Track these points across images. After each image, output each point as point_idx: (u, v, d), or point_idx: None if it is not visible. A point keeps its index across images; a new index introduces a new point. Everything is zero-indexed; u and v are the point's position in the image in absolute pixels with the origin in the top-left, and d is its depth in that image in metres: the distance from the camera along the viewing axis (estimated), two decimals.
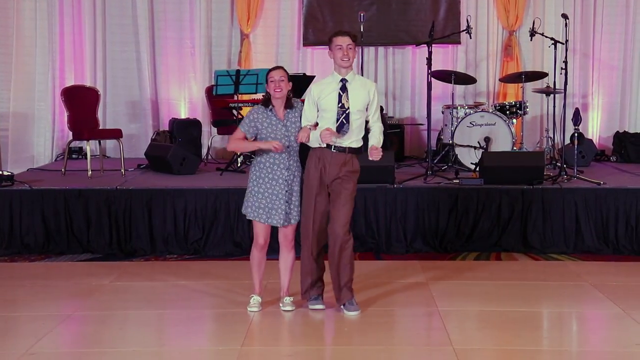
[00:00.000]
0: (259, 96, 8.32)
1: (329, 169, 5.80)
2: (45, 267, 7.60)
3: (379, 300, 6.34)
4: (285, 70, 5.93)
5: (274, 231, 6.03)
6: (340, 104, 5.77)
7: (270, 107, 5.89)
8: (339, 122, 5.76)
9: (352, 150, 5.85)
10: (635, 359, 5.17)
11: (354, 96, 5.81)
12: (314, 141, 5.78)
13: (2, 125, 11.00)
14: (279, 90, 5.83)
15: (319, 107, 5.83)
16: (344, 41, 5.80)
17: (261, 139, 5.87)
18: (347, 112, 5.77)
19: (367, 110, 5.90)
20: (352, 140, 5.84)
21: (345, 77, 5.84)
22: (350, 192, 5.85)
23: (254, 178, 5.93)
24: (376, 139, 5.90)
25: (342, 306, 5.96)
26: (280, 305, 6.06)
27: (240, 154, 9.13)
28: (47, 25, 11.21)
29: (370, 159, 5.81)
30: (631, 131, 11.05)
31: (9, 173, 8.63)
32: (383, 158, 5.98)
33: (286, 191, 5.86)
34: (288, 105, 5.91)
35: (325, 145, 5.78)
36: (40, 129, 11.29)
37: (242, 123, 5.95)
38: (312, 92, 5.90)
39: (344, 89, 5.81)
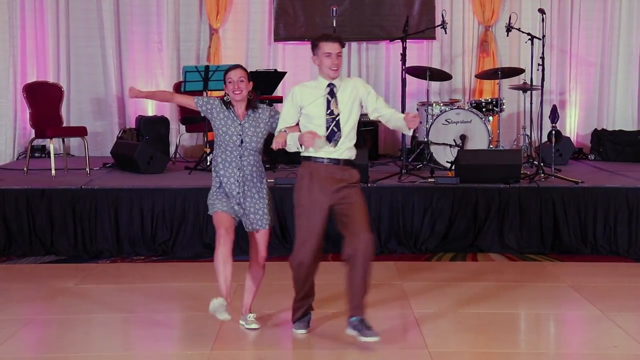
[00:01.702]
0: None
1: (324, 185, 5.32)
2: (7, 270, 7.48)
3: None
4: (245, 69, 5.55)
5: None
6: (329, 111, 5.27)
7: (230, 108, 5.53)
8: (329, 130, 5.29)
9: (346, 162, 5.35)
10: None
11: (344, 101, 5.35)
12: (292, 145, 5.30)
13: None
14: (238, 92, 5.44)
15: (303, 113, 5.38)
16: (333, 48, 5.25)
17: (215, 129, 5.53)
18: (337, 119, 5.32)
19: (362, 109, 5.46)
20: (344, 148, 5.33)
21: (333, 82, 5.36)
22: (362, 201, 5.35)
23: (213, 175, 5.62)
24: (399, 114, 5.36)
25: (351, 327, 5.37)
26: (242, 322, 5.74)
27: (210, 152, 8.95)
28: (8, 18, 10.98)
29: (411, 127, 5.26)
30: (609, 129, 11.04)
31: None
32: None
33: (237, 192, 5.51)
34: (251, 106, 5.53)
35: (314, 154, 5.32)
36: (1, 126, 11.08)
37: (199, 97, 5.62)
38: (294, 95, 5.39)
39: (332, 94, 5.30)
